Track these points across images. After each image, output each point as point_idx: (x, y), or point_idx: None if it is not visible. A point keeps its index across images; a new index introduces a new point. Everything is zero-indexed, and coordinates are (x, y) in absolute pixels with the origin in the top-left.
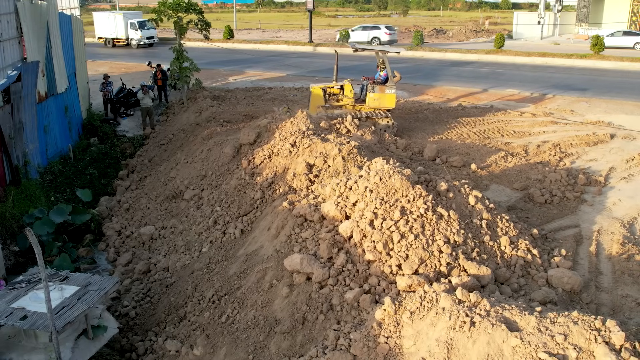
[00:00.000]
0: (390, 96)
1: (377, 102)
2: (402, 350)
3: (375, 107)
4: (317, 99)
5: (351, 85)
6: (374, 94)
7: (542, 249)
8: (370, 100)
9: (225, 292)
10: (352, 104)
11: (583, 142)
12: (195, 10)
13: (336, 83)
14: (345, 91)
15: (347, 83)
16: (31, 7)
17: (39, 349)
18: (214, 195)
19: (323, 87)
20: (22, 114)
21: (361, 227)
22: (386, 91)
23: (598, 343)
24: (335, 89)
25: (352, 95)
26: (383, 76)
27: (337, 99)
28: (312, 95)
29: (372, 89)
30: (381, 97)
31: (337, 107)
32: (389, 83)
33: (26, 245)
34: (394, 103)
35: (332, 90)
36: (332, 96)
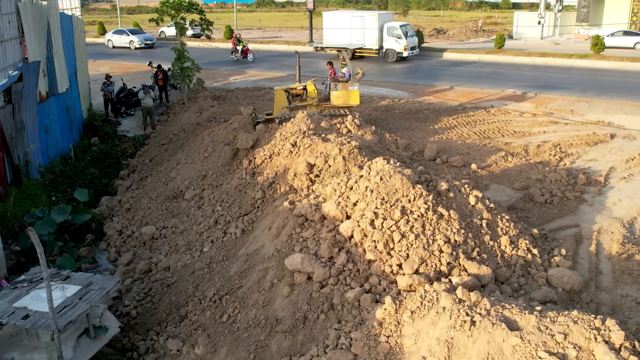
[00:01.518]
0: (354, 93)
1: (341, 99)
2: (403, 350)
3: (340, 105)
4: (281, 100)
5: (314, 85)
6: (338, 92)
7: (542, 248)
8: (334, 98)
9: (226, 291)
10: (316, 103)
11: (583, 142)
12: (197, 10)
13: (299, 84)
14: (309, 91)
15: (310, 83)
16: (32, 7)
17: (41, 348)
18: (215, 195)
19: (286, 89)
20: (23, 114)
21: (362, 227)
22: (349, 88)
23: (598, 342)
24: (298, 89)
25: (315, 95)
26: (348, 73)
27: (302, 99)
28: (275, 96)
29: (335, 87)
30: (345, 95)
31: (302, 107)
32: (351, 80)
33: (27, 245)
34: (358, 100)
35: (296, 91)
36: (295, 97)
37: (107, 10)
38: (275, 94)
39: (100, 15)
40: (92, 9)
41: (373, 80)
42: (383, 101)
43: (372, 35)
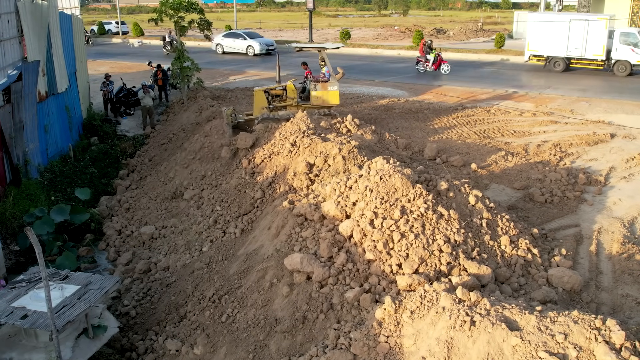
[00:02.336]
0: (334, 93)
1: (320, 100)
2: (403, 350)
3: (319, 105)
4: (261, 101)
5: (294, 85)
6: (317, 92)
7: (543, 248)
8: (314, 98)
9: (225, 291)
10: (295, 103)
11: (583, 141)
12: (196, 10)
13: (279, 84)
14: (288, 92)
15: (289, 83)
16: (32, 7)
17: (40, 348)
18: (214, 194)
19: (266, 89)
20: (23, 114)
21: (361, 227)
22: (329, 88)
23: (598, 342)
24: (278, 90)
25: (294, 95)
26: (328, 73)
27: (281, 100)
28: (255, 97)
29: (314, 87)
30: (324, 95)
31: (282, 107)
32: (331, 80)
33: (26, 245)
34: (337, 99)
35: (275, 92)
36: (275, 97)
37: (107, 10)
38: (254, 95)
39: (100, 15)
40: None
41: (373, 80)
42: (383, 100)
43: (598, 42)
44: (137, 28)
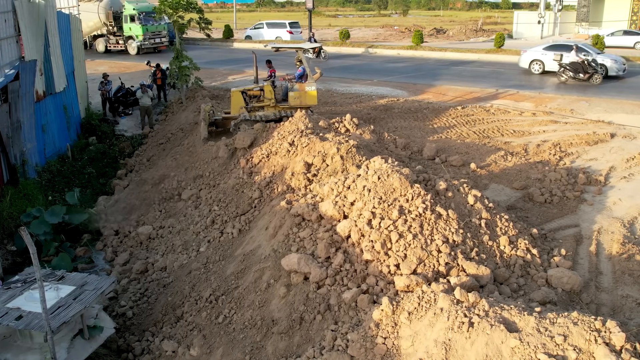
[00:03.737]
0: (312, 93)
1: (298, 100)
2: (400, 351)
3: (297, 105)
4: (238, 101)
5: (271, 86)
6: (294, 93)
7: (542, 248)
8: (292, 99)
9: (222, 292)
10: (273, 104)
11: (583, 141)
12: (195, 9)
13: (256, 85)
14: (265, 92)
15: (266, 84)
16: (29, 6)
17: (35, 349)
18: (212, 194)
19: (243, 90)
20: (20, 113)
21: (359, 227)
22: (307, 88)
23: (598, 344)
24: (255, 90)
25: (272, 96)
26: (298, 73)
27: (259, 100)
28: (232, 98)
29: (292, 88)
30: (302, 95)
31: (259, 108)
32: (309, 80)
33: (23, 245)
34: (315, 100)
35: (253, 92)
36: (252, 98)
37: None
38: (231, 96)
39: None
40: None
41: (372, 80)
42: (382, 100)
43: None
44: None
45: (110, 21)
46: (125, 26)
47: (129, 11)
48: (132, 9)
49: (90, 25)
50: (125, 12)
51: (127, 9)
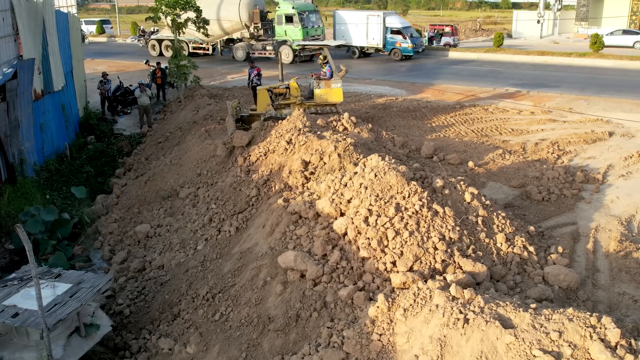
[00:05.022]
0: (337, 90)
1: (324, 97)
2: (395, 348)
3: (323, 102)
4: (264, 99)
5: (297, 83)
6: (320, 90)
7: (539, 246)
8: (317, 96)
9: (219, 289)
10: (299, 101)
11: (581, 139)
12: (193, 8)
13: (282, 83)
14: (291, 90)
15: (292, 82)
16: (27, 5)
17: (31, 346)
18: (210, 193)
19: (269, 88)
20: (18, 112)
21: (356, 224)
22: (332, 86)
23: (593, 340)
24: (281, 88)
25: (298, 93)
26: (328, 72)
27: (284, 98)
28: (258, 96)
29: (317, 85)
30: (328, 92)
31: (285, 105)
32: (334, 77)
33: (21, 243)
34: (341, 97)
35: (279, 90)
36: (278, 96)
37: (106, 10)
38: (258, 93)
39: (100, 14)
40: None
41: (371, 79)
42: (380, 99)
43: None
44: (135, 27)
45: (255, 22)
46: (278, 29)
47: (285, 10)
48: (290, 7)
49: (225, 28)
50: (279, 12)
51: (282, 8)
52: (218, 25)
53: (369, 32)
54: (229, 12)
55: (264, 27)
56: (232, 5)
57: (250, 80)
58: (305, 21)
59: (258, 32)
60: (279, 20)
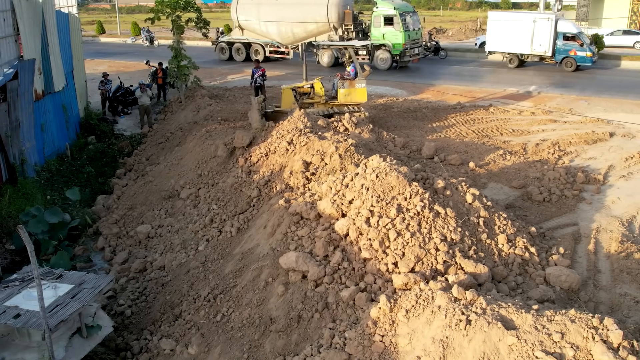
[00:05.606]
0: (361, 90)
1: (348, 97)
2: (398, 349)
3: (347, 102)
4: (289, 98)
5: (321, 83)
6: (345, 90)
7: (540, 247)
8: (341, 96)
9: (220, 290)
10: (323, 101)
11: (582, 140)
12: (194, 8)
13: (306, 82)
14: (316, 89)
15: (317, 81)
16: (28, 5)
17: (33, 347)
18: (211, 193)
19: (293, 87)
20: (19, 112)
21: (357, 225)
22: (356, 85)
23: (595, 341)
24: (305, 88)
25: (322, 93)
26: (352, 72)
27: (309, 97)
28: (283, 95)
29: (342, 85)
30: (352, 92)
31: (309, 104)
32: (358, 77)
33: (22, 244)
34: (365, 97)
35: (303, 90)
36: (303, 95)
37: (106, 10)
38: (282, 93)
39: (100, 14)
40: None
41: (371, 79)
42: (381, 99)
43: None
44: (135, 27)
45: (347, 24)
46: (375, 31)
47: (384, 11)
48: (392, 7)
49: (309, 30)
50: (377, 13)
51: (381, 9)
52: (301, 27)
53: (535, 37)
54: (315, 13)
55: (357, 30)
56: (319, 5)
57: (253, 80)
58: (411, 24)
59: (348, 34)
60: (377, 22)
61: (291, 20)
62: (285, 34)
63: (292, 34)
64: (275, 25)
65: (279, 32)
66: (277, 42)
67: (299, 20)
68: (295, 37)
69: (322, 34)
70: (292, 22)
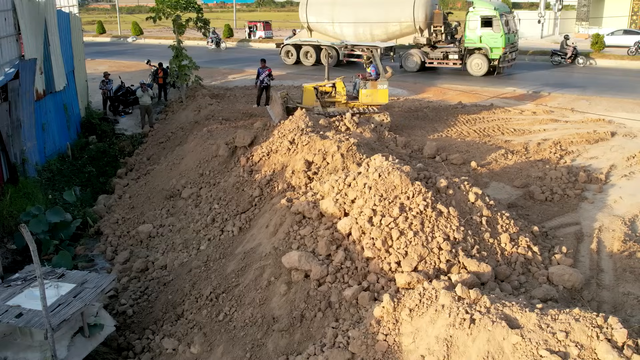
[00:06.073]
0: (383, 92)
1: (369, 98)
2: (401, 348)
3: (368, 103)
4: (310, 97)
5: (343, 82)
6: (366, 90)
7: (543, 246)
8: (363, 96)
9: (222, 289)
10: (345, 101)
11: (584, 139)
12: (195, 8)
13: (328, 81)
14: (338, 89)
15: (338, 81)
16: (29, 4)
17: (35, 347)
18: (212, 193)
19: (315, 86)
20: (20, 112)
21: (360, 224)
22: (378, 87)
23: (600, 340)
24: (327, 87)
25: (344, 93)
26: (373, 73)
27: (330, 96)
28: (304, 93)
29: (364, 86)
30: (373, 93)
31: (330, 104)
32: (380, 79)
33: (23, 244)
34: (386, 98)
35: (325, 89)
36: (324, 94)
37: (106, 10)
38: (304, 91)
39: (100, 14)
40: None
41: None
42: None
43: None
44: (136, 27)
45: (436, 25)
46: (470, 34)
47: (482, 12)
48: (491, 8)
49: (392, 32)
50: (474, 13)
51: (478, 9)
52: (381, 28)
53: None
54: (399, 13)
55: (447, 32)
56: (404, 5)
57: (260, 80)
58: (508, 25)
59: (437, 37)
60: (473, 23)
61: (371, 21)
62: (363, 35)
63: (371, 36)
64: (351, 26)
65: (356, 34)
66: None
67: (380, 21)
68: (374, 40)
69: (405, 36)
70: (372, 22)
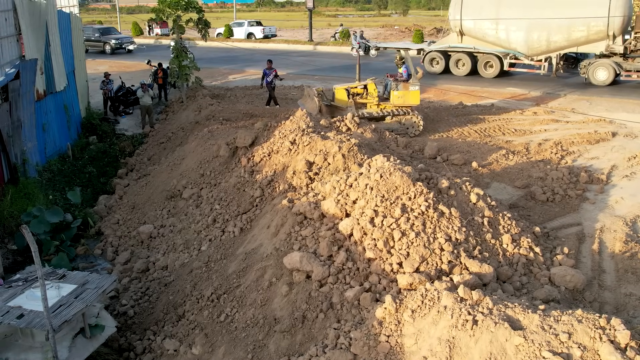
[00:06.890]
0: (414, 93)
1: (401, 99)
2: (403, 349)
3: (400, 104)
4: (342, 97)
5: (374, 84)
6: (398, 92)
7: (545, 247)
8: (395, 98)
9: (224, 290)
10: (376, 102)
11: (585, 140)
12: (195, 9)
13: (359, 82)
14: (369, 90)
15: (370, 82)
16: (29, 5)
17: (36, 348)
18: (213, 193)
19: (346, 87)
20: (21, 112)
21: (361, 225)
22: (410, 88)
23: (603, 342)
24: (359, 88)
25: (376, 94)
26: (404, 74)
27: (361, 98)
28: (336, 95)
29: (395, 87)
30: (405, 95)
31: (362, 105)
32: (412, 80)
33: (24, 244)
34: (418, 100)
35: (356, 90)
36: (355, 95)
37: (106, 10)
38: (335, 92)
39: (100, 14)
40: (91, 9)
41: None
42: None
43: None
44: (136, 27)
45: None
46: None
47: None
48: None
49: (574, 38)
50: None
51: None
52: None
53: None
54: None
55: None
56: (596, 6)
57: (267, 80)
58: None
59: (637, 45)
60: None
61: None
62: (538, 42)
63: (546, 43)
64: (522, 31)
65: (527, 40)
66: (519, 53)
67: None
68: (549, 47)
69: (591, 44)
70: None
